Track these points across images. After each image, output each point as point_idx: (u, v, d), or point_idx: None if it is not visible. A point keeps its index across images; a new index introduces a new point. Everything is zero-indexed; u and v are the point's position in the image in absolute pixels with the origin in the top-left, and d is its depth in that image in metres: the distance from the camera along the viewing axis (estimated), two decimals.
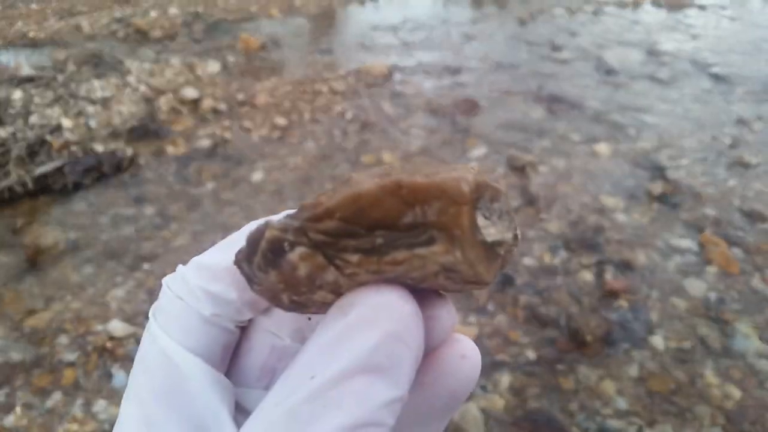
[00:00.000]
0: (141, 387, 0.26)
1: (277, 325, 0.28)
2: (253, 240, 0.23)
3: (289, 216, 0.22)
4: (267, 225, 0.23)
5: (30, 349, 1.74)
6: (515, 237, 0.24)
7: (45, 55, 3.36)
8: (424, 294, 0.24)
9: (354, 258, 0.21)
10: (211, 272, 0.27)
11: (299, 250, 0.22)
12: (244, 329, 0.29)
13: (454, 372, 0.26)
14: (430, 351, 0.25)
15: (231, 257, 0.26)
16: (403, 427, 0.23)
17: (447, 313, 0.25)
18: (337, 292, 0.23)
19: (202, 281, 0.27)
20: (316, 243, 0.21)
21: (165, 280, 0.29)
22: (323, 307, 0.24)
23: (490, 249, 0.22)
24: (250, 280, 0.25)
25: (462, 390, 0.26)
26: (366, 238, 0.21)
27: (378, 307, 0.22)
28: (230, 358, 0.29)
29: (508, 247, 0.23)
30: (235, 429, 0.25)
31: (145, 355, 0.27)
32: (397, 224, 0.21)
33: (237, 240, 0.27)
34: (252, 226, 0.26)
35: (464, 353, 0.26)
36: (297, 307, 0.25)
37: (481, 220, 0.22)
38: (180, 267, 0.29)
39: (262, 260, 0.23)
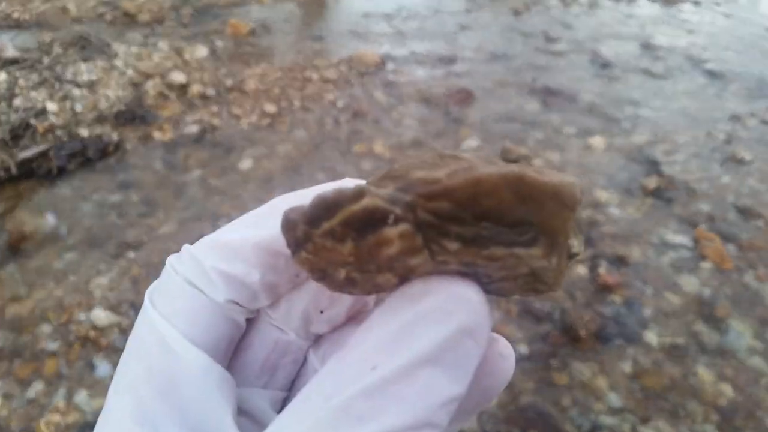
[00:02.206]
0: (136, 378, 0.23)
1: (282, 319, 0.27)
2: (329, 203, 0.21)
3: (397, 189, 0.20)
4: (364, 191, 0.20)
5: (11, 337, 1.72)
6: None
7: (30, 37, 3.33)
8: None
9: (453, 246, 0.20)
10: (232, 250, 0.25)
11: (402, 227, 0.20)
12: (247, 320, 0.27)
13: (493, 370, 0.25)
14: None
15: (259, 233, 0.24)
16: None
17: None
18: (405, 278, 0.22)
19: (220, 261, 0.25)
20: (421, 223, 0.20)
21: (170, 261, 0.26)
22: (375, 290, 0.23)
23: (567, 260, 0.22)
24: (299, 246, 0.22)
25: (498, 387, 0.26)
26: (471, 227, 0.20)
27: (455, 299, 0.21)
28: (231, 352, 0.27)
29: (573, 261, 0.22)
30: None
31: (141, 343, 0.24)
32: (504, 218, 0.20)
33: (263, 215, 0.25)
34: (287, 199, 0.25)
35: (502, 352, 0.26)
36: (348, 284, 0.23)
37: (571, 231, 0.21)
38: (187, 246, 0.26)
39: (342, 228, 0.21)
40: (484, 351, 0.22)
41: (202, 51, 3.36)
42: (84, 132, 2.60)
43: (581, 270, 1.92)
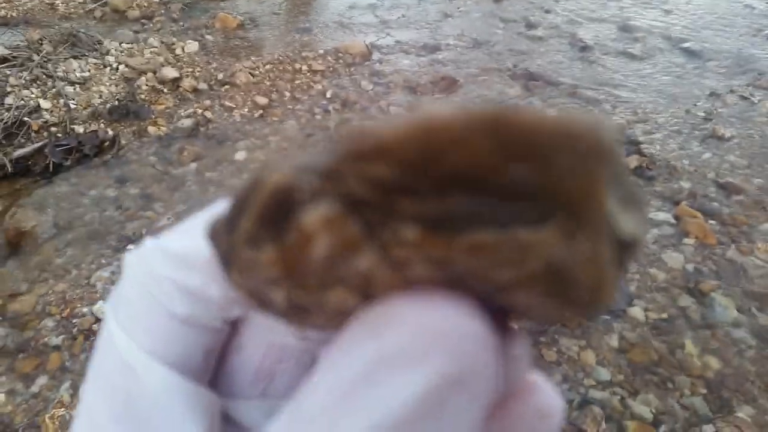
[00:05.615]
0: (93, 401, 0.20)
1: (273, 324, 0.21)
2: (245, 196, 0.15)
3: (317, 154, 0.14)
4: (273, 169, 0.15)
5: (14, 333, 1.71)
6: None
7: (19, 35, 3.26)
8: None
9: (411, 232, 0.13)
10: (182, 262, 0.20)
11: (323, 209, 0.13)
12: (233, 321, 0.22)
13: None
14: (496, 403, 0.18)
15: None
16: None
17: (521, 351, 0.18)
18: (366, 294, 0.15)
19: (173, 272, 0.20)
20: (354, 200, 0.13)
21: (128, 259, 0.22)
22: (336, 319, 0.16)
23: (618, 251, 0.14)
24: (228, 262, 0.17)
25: None
26: (435, 201, 0.13)
27: (431, 331, 0.14)
28: (217, 358, 0.22)
29: (634, 253, 0.15)
30: None
31: (101, 360, 0.21)
32: (488, 183, 0.13)
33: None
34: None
35: (544, 411, 0.19)
36: (296, 312, 0.16)
37: (613, 202, 0.13)
38: (147, 242, 0.22)
39: (255, 225, 0.15)
40: (486, 403, 0.15)
41: (192, 45, 3.35)
42: (79, 128, 2.60)
43: None
